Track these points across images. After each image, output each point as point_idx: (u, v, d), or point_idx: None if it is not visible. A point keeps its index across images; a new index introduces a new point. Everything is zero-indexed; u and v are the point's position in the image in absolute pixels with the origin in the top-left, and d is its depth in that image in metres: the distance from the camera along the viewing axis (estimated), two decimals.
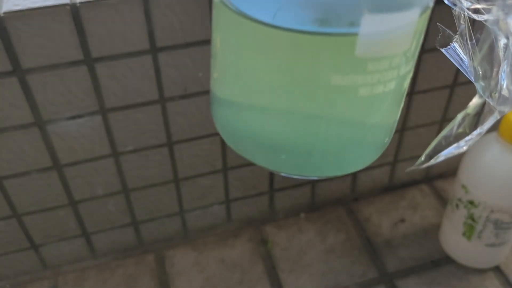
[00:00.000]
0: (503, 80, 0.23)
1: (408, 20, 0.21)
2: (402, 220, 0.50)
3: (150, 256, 0.47)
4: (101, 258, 0.47)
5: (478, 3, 0.22)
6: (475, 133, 0.26)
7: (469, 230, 0.43)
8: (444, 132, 0.28)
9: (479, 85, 0.25)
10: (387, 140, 0.27)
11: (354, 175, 0.51)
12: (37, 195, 0.40)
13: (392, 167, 0.52)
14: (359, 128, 0.25)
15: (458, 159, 0.54)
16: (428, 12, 0.23)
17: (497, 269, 0.45)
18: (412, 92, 0.45)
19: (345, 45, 0.21)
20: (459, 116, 0.27)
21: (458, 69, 0.46)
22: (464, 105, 0.31)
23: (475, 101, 0.27)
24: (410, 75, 0.25)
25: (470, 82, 0.47)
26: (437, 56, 0.44)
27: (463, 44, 0.24)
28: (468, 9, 0.22)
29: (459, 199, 0.42)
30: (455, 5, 0.23)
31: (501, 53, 0.23)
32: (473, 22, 0.23)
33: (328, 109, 0.23)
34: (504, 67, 0.23)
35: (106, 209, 0.44)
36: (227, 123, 0.27)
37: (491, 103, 0.25)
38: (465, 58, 0.25)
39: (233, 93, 0.25)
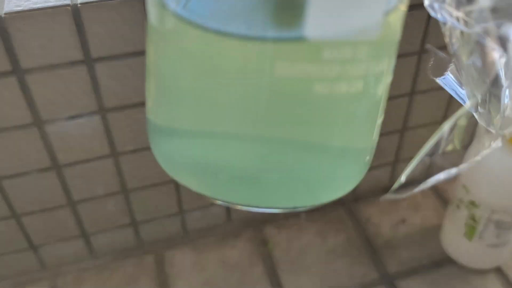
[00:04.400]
0: (506, 100, 0.19)
1: None
2: (403, 221, 0.50)
3: (149, 257, 0.47)
4: (100, 258, 0.47)
5: (467, 15, 0.18)
6: (470, 159, 0.21)
7: (470, 231, 0.42)
8: (426, 148, 0.22)
9: (478, 113, 0.21)
10: (366, 159, 0.21)
11: None
12: (36, 195, 0.40)
13: (392, 168, 0.52)
14: (321, 141, 0.19)
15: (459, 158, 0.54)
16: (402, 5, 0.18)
17: (498, 270, 0.45)
18: (412, 92, 0.45)
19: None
20: (446, 127, 0.21)
21: None
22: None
23: (466, 109, 0.22)
24: (387, 80, 0.19)
25: None
26: None
27: (458, 67, 0.20)
28: (457, 19, 0.18)
29: (460, 200, 0.42)
30: (444, 21, 0.19)
31: (501, 71, 0.19)
32: (468, 39, 0.19)
33: (277, 117, 0.18)
34: (506, 87, 0.19)
35: (105, 210, 0.44)
36: (168, 152, 0.22)
37: (493, 130, 0.21)
38: (460, 84, 0.20)
39: (170, 114, 0.21)
